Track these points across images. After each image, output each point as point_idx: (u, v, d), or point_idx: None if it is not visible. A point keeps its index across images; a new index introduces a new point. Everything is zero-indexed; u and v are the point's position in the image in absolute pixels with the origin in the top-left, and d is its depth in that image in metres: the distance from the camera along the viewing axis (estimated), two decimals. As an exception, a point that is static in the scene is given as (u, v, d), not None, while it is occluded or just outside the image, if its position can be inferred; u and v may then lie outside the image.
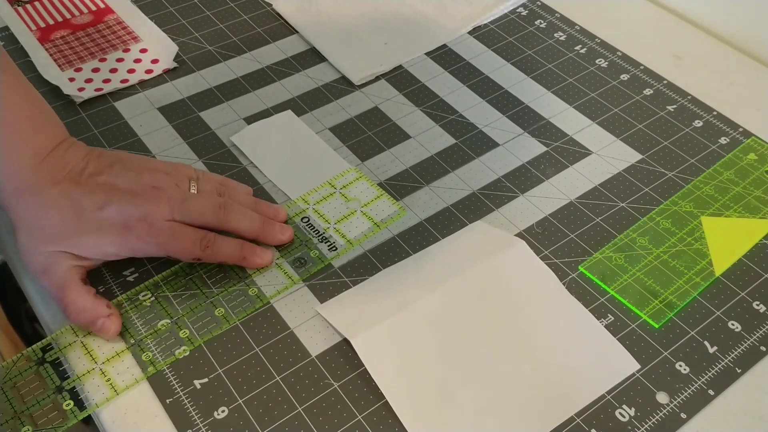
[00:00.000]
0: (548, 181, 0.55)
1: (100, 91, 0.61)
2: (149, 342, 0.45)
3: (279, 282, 0.48)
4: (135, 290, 0.47)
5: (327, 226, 0.51)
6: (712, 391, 0.43)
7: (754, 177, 0.54)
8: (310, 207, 0.52)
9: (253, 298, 0.47)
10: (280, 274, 0.48)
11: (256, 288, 0.48)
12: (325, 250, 0.50)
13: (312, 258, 0.49)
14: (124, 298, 0.47)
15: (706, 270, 0.49)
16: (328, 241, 0.50)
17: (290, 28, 0.69)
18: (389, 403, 0.42)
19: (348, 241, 0.50)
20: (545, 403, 0.42)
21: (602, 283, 0.48)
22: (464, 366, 0.43)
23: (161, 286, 0.47)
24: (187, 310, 0.46)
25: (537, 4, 0.71)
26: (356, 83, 0.63)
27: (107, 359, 0.44)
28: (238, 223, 0.48)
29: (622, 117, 0.60)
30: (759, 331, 0.46)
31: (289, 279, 0.48)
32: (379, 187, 0.54)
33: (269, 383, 0.43)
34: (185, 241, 0.46)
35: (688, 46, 0.67)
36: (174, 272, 0.48)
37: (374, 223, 0.51)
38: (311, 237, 0.51)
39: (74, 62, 0.64)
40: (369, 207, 0.52)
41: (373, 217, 0.52)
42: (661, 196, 0.54)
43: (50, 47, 0.65)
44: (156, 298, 0.47)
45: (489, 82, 0.63)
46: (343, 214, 0.52)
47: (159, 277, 0.48)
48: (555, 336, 0.45)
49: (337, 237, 0.50)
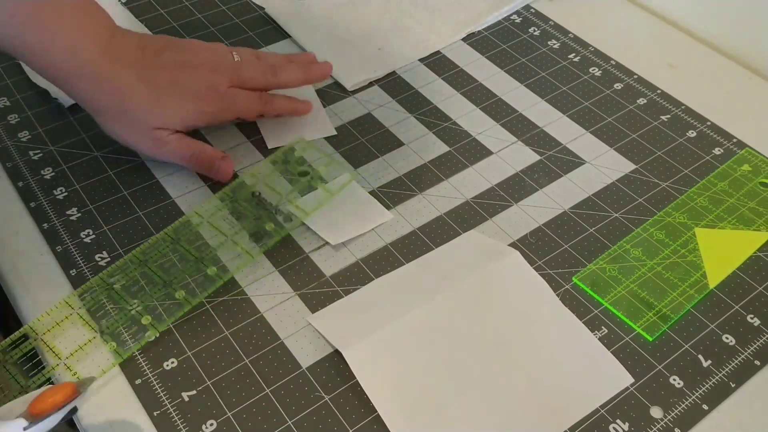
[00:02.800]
0: (542, 190, 0.54)
1: (88, 94, 0.60)
2: (111, 333, 0.45)
3: (239, 258, 0.48)
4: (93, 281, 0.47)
5: (279, 198, 0.52)
6: (706, 406, 0.42)
7: (748, 188, 0.54)
8: (260, 182, 0.53)
9: (213, 277, 0.47)
10: (238, 250, 0.49)
11: (214, 268, 0.48)
12: (282, 222, 0.50)
13: (268, 231, 0.50)
14: (81, 291, 0.47)
15: (700, 282, 0.48)
16: (282, 213, 0.51)
17: (282, 32, 0.68)
18: (381, 416, 0.41)
19: (302, 210, 0.51)
20: (539, 417, 0.42)
21: (596, 295, 0.48)
22: (457, 378, 0.43)
23: (116, 277, 0.47)
24: (146, 297, 0.46)
25: (531, 12, 0.71)
26: (349, 89, 0.62)
27: (71, 353, 0.44)
28: (286, 77, 0.55)
29: (615, 126, 0.60)
30: (753, 344, 0.45)
31: (247, 254, 0.48)
32: (327, 155, 0.55)
33: (259, 395, 0.42)
34: (249, 100, 0.53)
35: (683, 55, 0.67)
36: (125, 263, 0.48)
37: (327, 192, 0.52)
38: (263, 212, 0.51)
39: (62, 64, 0.63)
40: (321, 175, 0.54)
41: (326, 186, 0.53)
42: (654, 207, 0.53)
43: (38, 49, 0.64)
44: (112, 288, 0.47)
45: (483, 89, 0.63)
46: (295, 187, 0.53)
47: (113, 268, 0.48)
48: (548, 348, 0.45)
49: (291, 208, 0.51)
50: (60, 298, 0.46)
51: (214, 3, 0.71)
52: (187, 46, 0.53)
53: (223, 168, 0.52)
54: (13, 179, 0.54)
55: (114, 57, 0.48)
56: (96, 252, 0.49)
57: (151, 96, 0.49)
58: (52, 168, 0.55)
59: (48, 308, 0.46)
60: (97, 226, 0.51)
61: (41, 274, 0.49)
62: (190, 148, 0.52)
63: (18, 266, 0.49)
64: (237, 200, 0.52)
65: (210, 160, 0.52)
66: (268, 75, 0.54)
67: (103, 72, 0.48)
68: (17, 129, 0.58)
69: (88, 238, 0.50)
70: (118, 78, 0.48)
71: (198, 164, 0.52)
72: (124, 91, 0.49)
